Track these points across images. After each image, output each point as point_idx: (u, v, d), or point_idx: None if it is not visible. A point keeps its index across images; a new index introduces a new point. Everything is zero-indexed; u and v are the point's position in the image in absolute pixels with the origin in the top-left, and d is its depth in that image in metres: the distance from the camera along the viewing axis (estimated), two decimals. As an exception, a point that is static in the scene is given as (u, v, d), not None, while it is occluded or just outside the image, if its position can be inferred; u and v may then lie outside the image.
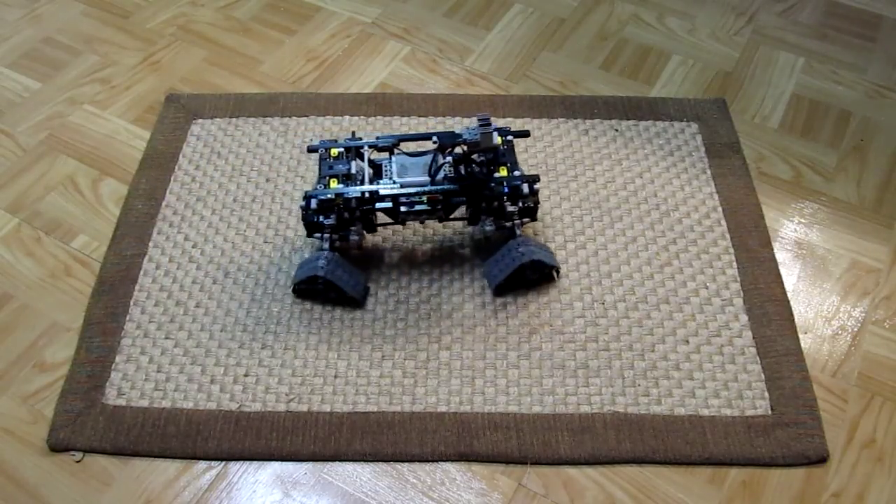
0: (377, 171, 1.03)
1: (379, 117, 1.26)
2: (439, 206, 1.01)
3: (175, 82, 1.33)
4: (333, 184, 1.00)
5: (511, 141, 1.05)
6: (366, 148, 1.04)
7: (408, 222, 1.07)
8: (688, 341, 1.00)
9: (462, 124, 1.25)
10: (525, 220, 1.04)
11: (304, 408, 0.95)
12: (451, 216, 1.05)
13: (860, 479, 0.91)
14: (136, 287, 1.05)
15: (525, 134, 1.05)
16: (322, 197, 0.98)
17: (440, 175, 1.01)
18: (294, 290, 1.04)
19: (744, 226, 1.11)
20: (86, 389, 0.96)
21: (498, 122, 1.25)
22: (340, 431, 0.93)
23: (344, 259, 1.02)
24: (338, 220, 1.01)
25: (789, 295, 1.06)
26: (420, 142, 1.12)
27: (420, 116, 1.26)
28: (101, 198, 1.17)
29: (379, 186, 1.00)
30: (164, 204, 1.15)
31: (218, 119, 1.26)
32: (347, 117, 1.26)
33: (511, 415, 0.94)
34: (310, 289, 1.03)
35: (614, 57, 1.38)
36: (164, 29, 1.42)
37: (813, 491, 0.90)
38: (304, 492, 0.90)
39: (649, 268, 1.07)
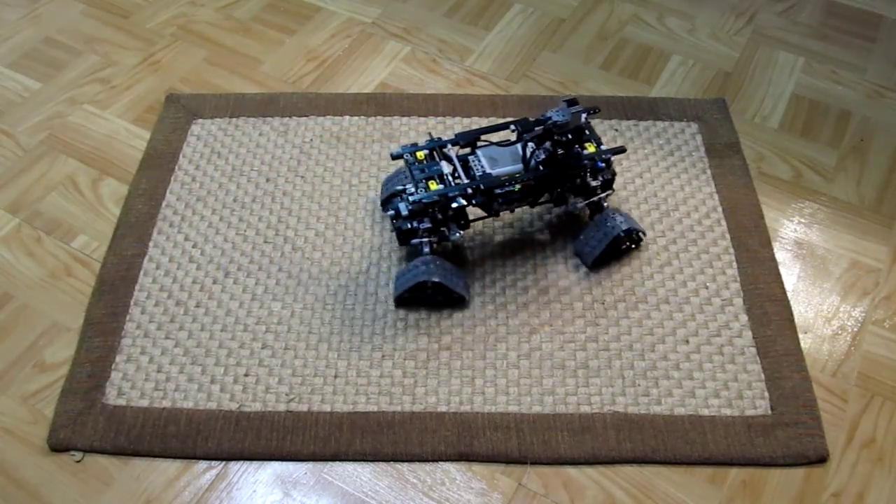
0: (465, 167, 1.02)
1: (379, 117, 1.26)
2: (529, 193, 1.02)
3: (175, 82, 1.33)
4: (433, 185, 0.98)
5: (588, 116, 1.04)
6: (449, 147, 1.03)
7: (500, 213, 1.07)
8: (688, 341, 1.00)
9: (462, 124, 1.25)
10: (608, 192, 1.06)
11: (304, 408, 0.95)
12: (539, 200, 1.05)
13: (860, 479, 0.91)
14: (136, 287, 1.05)
15: (594, 109, 1.05)
16: (427, 200, 0.96)
17: (533, 161, 1.01)
18: (397, 301, 1.02)
19: (744, 226, 1.11)
20: (86, 389, 0.96)
21: (498, 122, 1.25)
22: (340, 431, 0.93)
23: (442, 259, 1.01)
24: (432, 221, 1.00)
25: (789, 295, 1.06)
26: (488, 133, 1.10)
27: (420, 116, 1.26)
28: (101, 198, 1.17)
29: (481, 180, 0.99)
30: (164, 204, 1.15)
31: (218, 119, 1.26)
32: (347, 117, 1.26)
33: (511, 415, 0.94)
34: (414, 297, 1.02)
35: (614, 57, 1.38)
36: (164, 29, 1.42)
37: (813, 491, 0.90)
38: (304, 492, 0.90)
39: (649, 268, 1.07)
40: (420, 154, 1.02)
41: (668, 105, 1.27)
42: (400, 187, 1.04)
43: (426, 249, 1.01)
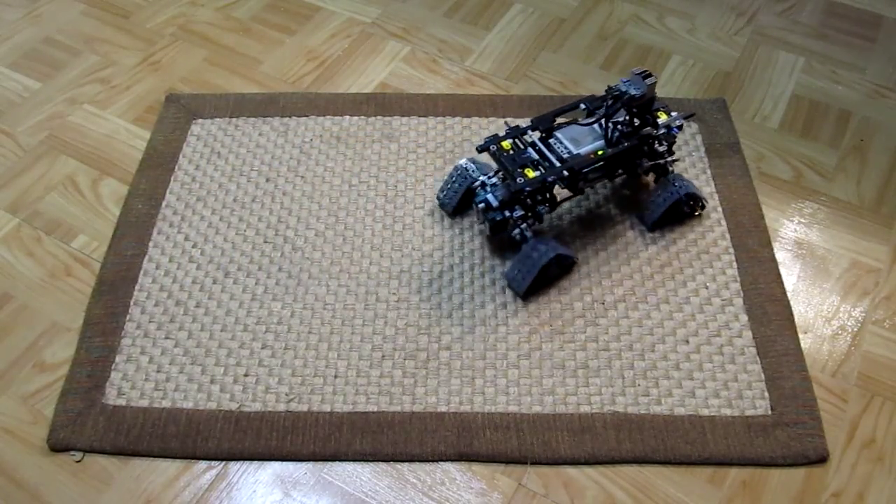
0: (549, 150, 1.03)
1: (379, 117, 1.26)
2: (609, 168, 1.05)
3: (175, 82, 1.33)
4: (530, 172, 1.00)
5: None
6: (529, 133, 1.05)
7: (585, 190, 1.10)
8: (688, 341, 1.00)
9: (462, 124, 1.25)
10: (674, 158, 1.09)
11: (304, 408, 0.95)
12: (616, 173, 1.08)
13: (860, 479, 0.91)
14: (136, 287, 1.05)
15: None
16: (531, 187, 0.98)
17: (613, 136, 1.03)
18: (525, 295, 1.03)
19: (744, 226, 1.11)
20: (86, 389, 0.96)
21: (498, 122, 1.25)
22: (340, 431, 0.93)
23: (541, 235, 1.04)
24: (524, 207, 1.02)
25: (789, 295, 1.06)
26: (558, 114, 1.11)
27: (420, 116, 1.26)
28: (101, 198, 1.17)
29: (572, 161, 1.01)
30: (164, 204, 1.15)
31: (218, 119, 1.26)
32: (347, 117, 1.26)
33: (511, 415, 0.94)
34: (536, 283, 1.03)
35: (614, 57, 1.38)
36: (164, 29, 1.42)
37: (813, 491, 0.90)
38: (304, 492, 0.90)
39: (649, 268, 1.07)
40: (506, 144, 1.03)
41: (668, 105, 1.27)
42: (476, 183, 1.05)
43: (529, 234, 1.03)
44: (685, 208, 1.10)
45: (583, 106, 1.00)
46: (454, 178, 1.10)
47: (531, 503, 0.89)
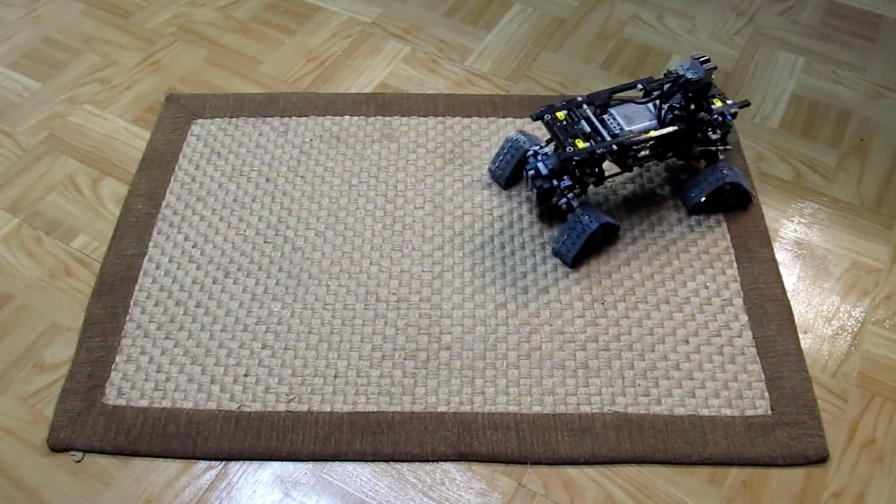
0: (602, 125, 1.06)
1: (379, 117, 1.26)
2: (659, 148, 1.07)
3: (175, 82, 1.33)
4: (580, 143, 1.02)
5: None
6: (585, 107, 1.07)
7: (633, 168, 1.11)
8: (688, 341, 1.00)
9: (462, 124, 1.25)
10: (726, 147, 1.11)
11: (304, 408, 0.95)
12: (667, 155, 1.10)
13: (860, 479, 0.91)
14: (136, 287, 1.05)
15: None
16: (580, 157, 1.01)
17: (666, 118, 1.05)
18: (573, 263, 1.06)
19: (744, 226, 1.11)
20: (86, 389, 0.96)
21: (498, 122, 1.25)
22: (340, 431, 0.93)
23: (587, 205, 1.06)
24: (572, 178, 1.05)
25: (789, 295, 1.06)
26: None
27: (420, 116, 1.26)
28: (101, 198, 1.17)
29: (626, 136, 1.03)
30: (164, 204, 1.15)
31: (218, 119, 1.26)
32: (347, 117, 1.26)
33: (511, 415, 0.94)
34: (582, 251, 1.06)
35: (614, 57, 1.38)
36: (164, 29, 1.42)
37: (813, 491, 0.90)
38: (304, 492, 0.90)
39: (649, 268, 1.07)
40: (560, 115, 1.06)
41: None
42: (530, 153, 1.09)
43: (576, 203, 1.05)
44: (731, 198, 1.11)
45: (640, 86, 1.04)
46: (506, 150, 1.13)
47: (531, 503, 0.89)
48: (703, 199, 1.09)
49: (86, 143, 1.24)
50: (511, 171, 1.13)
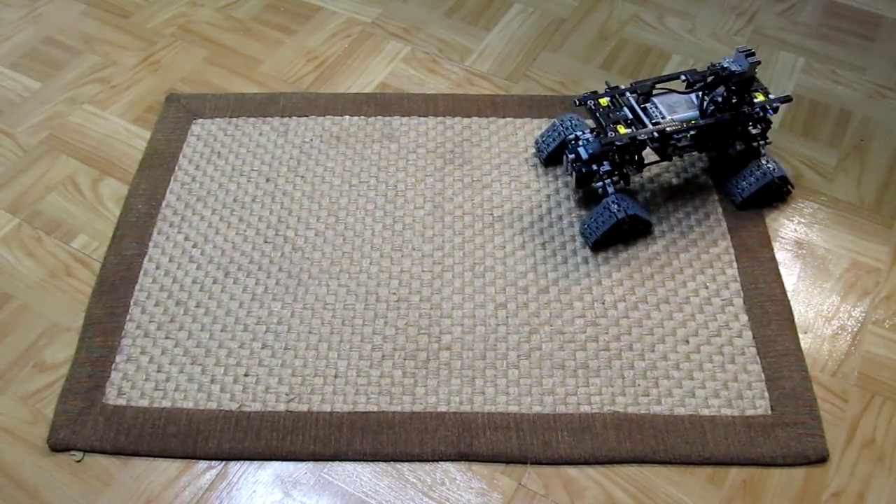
0: (644, 113, 1.07)
1: (379, 117, 1.26)
2: (700, 139, 1.09)
3: (175, 82, 1.33)
4: (622, 129, 1.04)
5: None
6: (628, 94, 1.08)
7: (674, 157, 1.13)
8: (688, 341, 1.00)
9: (462, 124, 1.25)
10: (767, 140, 1.12)
11: (304, 408, 0.95)
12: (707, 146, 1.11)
13: (860, 479, 0.91)
14: (136, 287, 1.05)
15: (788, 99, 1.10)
16: (620, 142, 1.03)
17: (708, 109, 1.06)
18: (594, 246, 1.08)
19: (744, 226, 1.11)
20: (86, 389, 0.96)
21: (498, 122, 1.25)
22: (340, 431, 0.93)
23: (623, 193, 1.07)
24: (612, 164, 1.06)
25: (789, 295, 1.06)
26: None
27: (420, 116, 1.26)
28: (101, 198, 1.17)
29: (667, 124, 1.05)
30: (164, 204, 1.15)
31: (218, 119, 1.26)
32: (347, 117, 1.26)
33: (511, 415, 0.94)
34: (607, 238, 1.08)
35: (614, 57, 1.38)
36: (164, 29, 1.42)
37: (813, 491, 0.90)
38: (304, 492, 0.90)
39: (649, 268, 1.07)
40: (603, 101, 1.08)
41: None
42: (572, 136, 1.10)
43: (611, 189, 1.07)
44: (778, 190, 1.13)
45: (683, 77, 1.05)
46: (555, 128, 1.16)
47: (531, 503, 0.89)
48: (752, 193, 1.10)
49: (86, 143, 1.24)
50: (554, 149, 1.16)
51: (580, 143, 1.08)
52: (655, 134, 1.04)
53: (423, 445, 0.92)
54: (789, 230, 1.14)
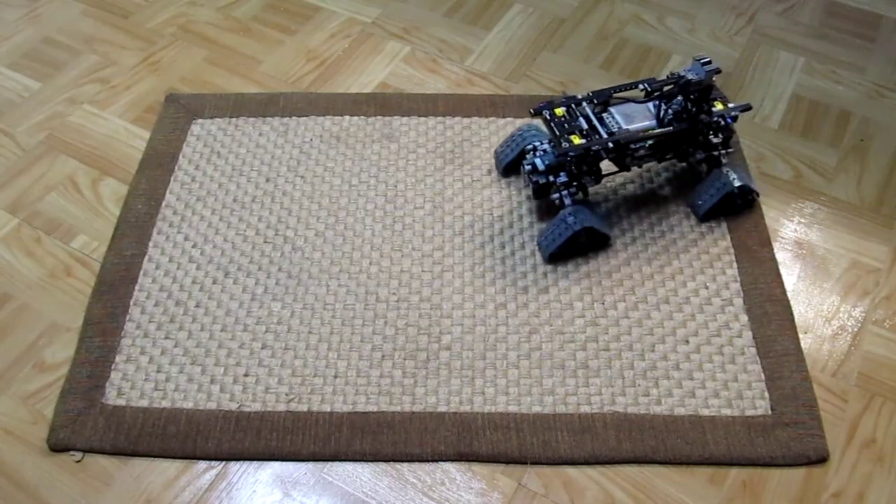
0: (601, 123, 1.06)
1: (379, 117, 1.26)
2: (658, 149, 1.06)
3: (175, 82, 1.33)
4: (576, 139, 1.02)
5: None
6: (584, 104, 1.07)
7: (632, 167, 1.11)
8: (688, 341, 1.00)
9: (462, 124, 1.25)
10: (729, 149, 1.10)
11: (304, 408, 0.95)
12: (666, 156, 1.10)
13: (860, 479, 0.91)
14: (136, 287, 1.05)
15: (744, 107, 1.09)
16: (574, 152, 1.01)
17: (665, 118, 1.05)
18: (550, 258, 1.06)
19: (744, 226, 1.11)
20: (86, 389, 0.96)
21: (498, 122, 1.25)
22: (340, 431, 0.93)
23: (581, 205, 1.06)
24: (569, 175, 1.05)
25: (789, 295, 1.06)
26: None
27: (420, 116, 1.26)
28: (101, 198, 1.17)
29: (619, 135, 1.03)
30: (164, 204, 1.15)
31: (218, 119, 1.26)
32: (347, 117, 1.26)
33: (511, 415, 0.94)
34: (564, 250, 1.06)
35: (614, 57, 1.38)
36: (164, 29, 1.42)
37: (813, 491, 0.90)
38: (304, 492, 0.90)
39: (649, 268, 1.07)
40: (559, 110, 1.06)
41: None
42: (529, 147, 1.09)
43: (568, 201, 1.05)
44: (737, 200, 1.11)
45: (642, 86, 1.03)
46: (514, 138, 1.15)
47: (531, 503, 0.89)
48: (713, 205, 1.09)
49: (86, 143, 1.24)
50: (512, 159, 1.15)
51: (537, 153, 1.07)
52: (610, 144, 1.02)
53: (422, 445, 0.92)
54: (789, 230, 1.14)
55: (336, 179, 1.18)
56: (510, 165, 1.16)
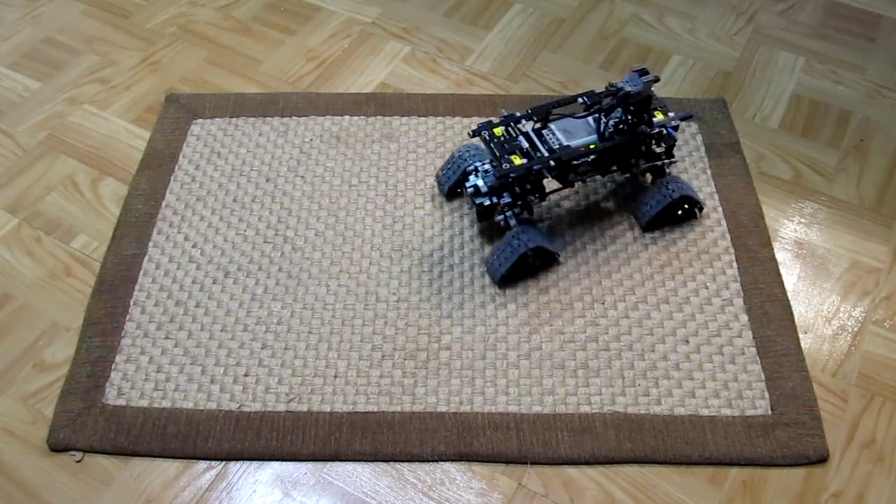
0: (541, 140, 1.04)
1: (379, 117, 1.26)
2: (601, 163, 1.05)
3: (175, 82, 1.33)
4: (517, 159, 1.00)
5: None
6: (524, 122, 1.05)
7: (575, 183, 1.10)
8: (688, 341, 1.00)
9: (462, 124, 1.25)
10: (672, 159, 1.09)
11: (304, 408, 0.95)
12: (610, 169, 1.08)
13: (860, 479, 0.91)
14: (136, 287, 1.05)
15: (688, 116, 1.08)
16: (515, 173, 0.99)
17: (606, 132, 1.03)
18: (500, 281, 1.04)
19: (744, 226, 1.11)
20: (86, 389, 0.96)
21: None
22: (340, 431, 0.93)
23: (527, 224, 1.04)
24: (512, 195, 1.03)
25: (789, 295, 1.06)
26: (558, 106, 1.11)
27: (420, 116, 1.26)
28: (101, 198, 1.17)
29: (561, 152, 1.01)
30: (164, 204, 1.15)
31: (218, 119, 1.26)
32: (347, 117, 1.26)
33: (511, 415, 0.94)
34: (514, 272, 1.04)
35: (614, 57, 1.38)
36: (164, 29, 1.42)
37: (813, 491, 0.90)
38: (304, 492, 0.90)
39: (649, 268, 1.07)
40: (498, 130, 1.04)
41: (668, 105, 1.27)
42: (471, 168, 1.07)
43: (513, 222, 1.03)
44: (679, 211, 1.09)
45: (581, 100, 1.01)
46: (454, 159, 1.12)
47: (531, 503, 0.89)
48: (655, 215, 1.07)
49: (86, 143, 1.24)
50: (454, 182, 1.12)
51: (478, 174, 1.04)
52: (552, 163, 1.00)
53: (422, 445, 0.92)
54: (789, 230, 1.14)
55: (336, 179, 1.18)
56: (453, 188, 1.13)
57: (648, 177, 1.15)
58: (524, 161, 1.00)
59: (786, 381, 0.96)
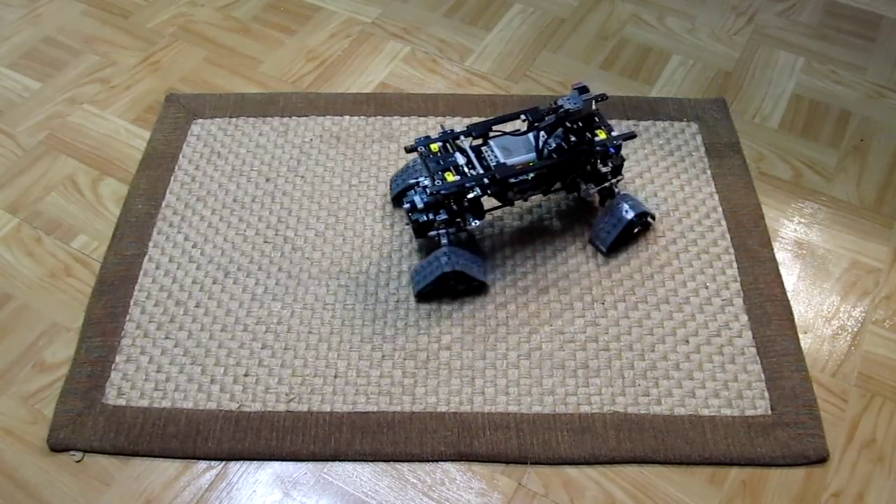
0: (479, 158, 1.02)
1: (379, 117, 1.26)
2: (542, 181, 1.03)
3: (175, 82, 1.33)
4: (450, 176, 0.99)
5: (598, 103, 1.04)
6: (462, 138, 1.04)
7: (515, 202, 1.07)
8: (688, 341, 1.00)
9: (462, 124, 1.25)
10: (619, 178, 1.07)
11: (304, 408, 0.95)
12: (553, 188, 1.07)
13: (860, 479, 0.91)
14: (136, 287, 1.05)
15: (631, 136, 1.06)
16: (446, 191, 0.97)
17: (546, 150, 1.02)
18: (418, 296, 1.03)
19: (744, 226, 1.11)
20: (86, 389, 0.96)
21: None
22: (340, 431, 0.93)
23: (459, 247, 1.02)
24: (449, 212, 1.01)
25: (789, 295, 1.06)
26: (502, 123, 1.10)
27: (420, 116, 1.26)
28: (101, 198, 1.17)
29: (496, 170, 0.99)
30: (164, 204, 1.15)
31: (218, 119, 1.26)
32: (347, 117, 1.26)
33: (511, 415, 0.94)
34: (436, 290, 1.03)
35: (614, 57, 1.38)
36: (164, 29, 1.42)
37: (813, 491, 0.90)
38: (304, 492, 0.90)
39: (649, 268, 1.07)
40: (434, 146, 1.03)
41: (668, 105, 1.27)
42: (413, 181, 1.06)
43: (444, 241, 1.02)
44: (636, 228, 1.08)
45: (523, 117, 0.99)
46: (407, 169, 1.11)
47: (531, 503, 0.89)
48: (615, 239, 1.05)
49: (86, 143, 1.24)
50: (399, 191, 1.11)
51: (418, 190, 1.02)
52: (486, 180, 0.98)
53: (422, 445, 0.92)
54: (789, 230, 1.14)
55: (336, 179, 1.18)
56: (398, 197, 1.12)
57: (596, 196, 1.13)
58: (457, 178, 0.98)
59: (786, 381, 0.96)
